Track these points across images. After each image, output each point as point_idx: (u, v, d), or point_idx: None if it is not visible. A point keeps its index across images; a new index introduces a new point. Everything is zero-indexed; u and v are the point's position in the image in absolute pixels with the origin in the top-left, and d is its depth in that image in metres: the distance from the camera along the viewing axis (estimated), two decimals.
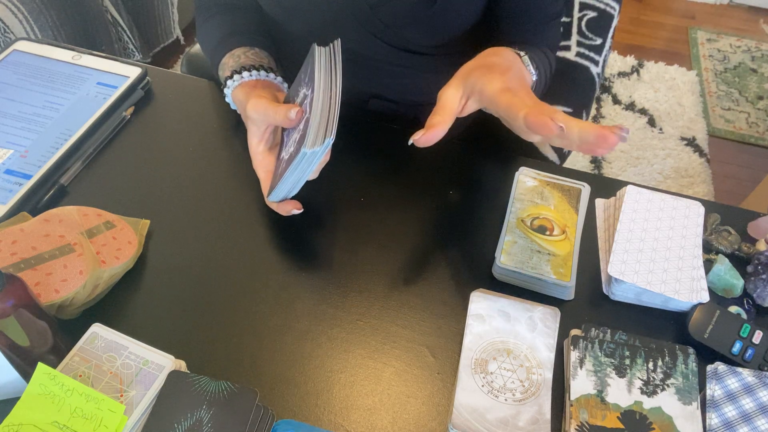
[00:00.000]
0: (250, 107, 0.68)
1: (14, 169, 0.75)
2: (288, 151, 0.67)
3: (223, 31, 0.81)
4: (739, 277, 0.69)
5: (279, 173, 0.68)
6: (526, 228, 0.71)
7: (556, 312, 0.64)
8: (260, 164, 0.72)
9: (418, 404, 0.60)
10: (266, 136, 0.71)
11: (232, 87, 0.74)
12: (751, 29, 2.59)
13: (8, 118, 0.81)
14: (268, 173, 0.71)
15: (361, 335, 0.65)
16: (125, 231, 0.68)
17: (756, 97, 2.29)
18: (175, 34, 2.09)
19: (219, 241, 0.72)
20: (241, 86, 0.73)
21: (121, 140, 0.82)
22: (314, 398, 0.60)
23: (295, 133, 0.67)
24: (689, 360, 0.61)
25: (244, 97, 0.71)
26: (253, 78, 0.74)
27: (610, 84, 2.28)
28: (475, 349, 0.61)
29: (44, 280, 0.60)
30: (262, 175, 0.72)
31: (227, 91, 0.75)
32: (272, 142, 0.72)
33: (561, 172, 0.79)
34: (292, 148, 0.66)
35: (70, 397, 0.53)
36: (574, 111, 1.02)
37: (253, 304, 0.67)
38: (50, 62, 0.88)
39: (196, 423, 0.53)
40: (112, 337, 0.59)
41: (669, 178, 1.97)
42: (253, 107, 0.67)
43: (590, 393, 0.58)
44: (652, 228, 0.71)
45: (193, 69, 1.12)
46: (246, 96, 0.71)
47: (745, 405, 0.58)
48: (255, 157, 0.72)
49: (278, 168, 0.69)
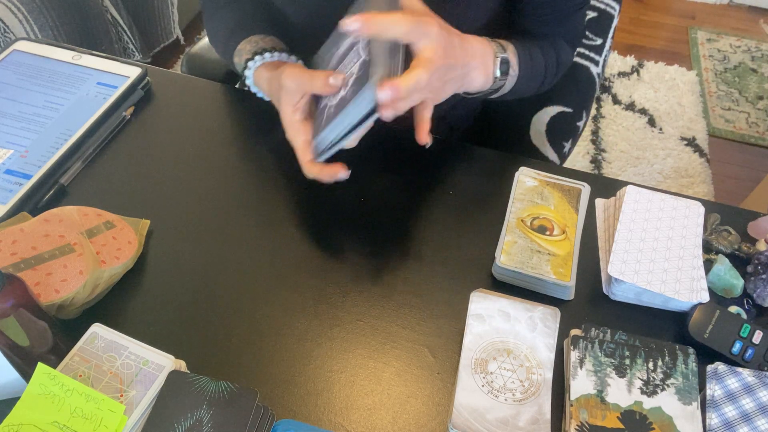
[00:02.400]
0: (286, 76, 0.66)
1: (14, 169, 0.75)
2: (337, 98, 0.64)
3: (235, 21, 0.80)
4: (739, 277, 0.69)
5: (325, 121, 0.64)
6: (526, 228, 0.71)
7: (556, 312, 0.64)
8: (297, 133, 0.68)
9: (418, 404, 0.60)
10: (301, 105, 0.67)
11: (253, 67, 0.73)
12: (751, 29, 2.59)
13: (8, 118, 0.81)
14: (306, 142, 0.67)
15: (361, 335, 0.65)
16: (125, 231, 0.68)
17: (756, 97, 2.29)
18: (175, 34, 2.09)
19: (219, 241, 0.72)
20: (263, 66, 0.73)
21: (121, 140, 0.82)
22: (314, 398, 0.60)
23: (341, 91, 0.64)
24: (689, 360, 0.61)
25: (269, 74, 0.70)
26: (275, 59, 0.73)
27: (610, 84, 2.28)
28: (475, 349, 0.61)
29: (44, 280, 0.60)
30: (299, 144, 0.68)
31: (248, 72, 0.74)
32: (307, 111, 0.69)
33: (561, 172, 0.79)
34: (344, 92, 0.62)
35: (70, 397, 0.53)
36: (574, 111, 1.02)
37: (253, 304, 0.67)
38: (50, 62, 0.88)
39: (196, 423, 0.53)
40: (112, 337, 0.59)
41: (669, 178, 1.97)
42: (289, 75, 0.65)
43: (590, 393, 0.58)
44: (652, 228, 0.71)
45: (193, 69, 1.12)
46: (271, 73, 0.70)
47: (745, 405, 0.58)
48: (291, 126, 0.68)
49: (319, 118, 0.67)
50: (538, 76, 0.78)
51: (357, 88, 0.60)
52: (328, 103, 0.66)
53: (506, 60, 0.71)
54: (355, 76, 0.62)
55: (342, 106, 0.61)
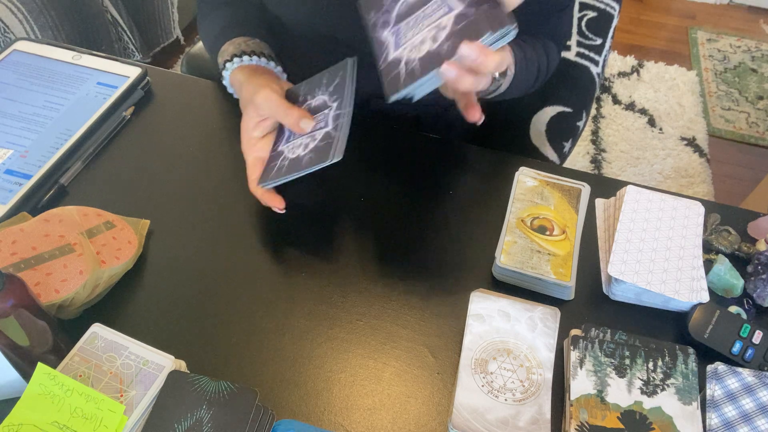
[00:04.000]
0: (263, 98, 0.68)
1: (14, 169, 0.75)
2: (295, 152, 0.67)
3: (225, 21, 0.81)
4: (739, 277, 0.69)
5: (280, 168, 0.68)
6: (526, 228, 0.71)
7: (556, 312, 0.64)
8: (252, 148, 0.71)
9: (418, 404, 0.60)
10: (265, 125, 0.71)
11: (230, 69, 0.74)
12: (751, 29, 2.59)
13: (8, 118, 0.81)
14: (258, 159, 0.71)
15: (361, 335, 0.65)
16: (125, 231, 0.68)
17: (756, 97, 2.29)
18: (175, 34, 2.09)
19: (219, 241, 0.72)
20: (240, 69, 0.74)
21: (121, 140, 0.82)
22: (314, 398, 0.60)
23: (306, 138, 0.68)
24: (689, 360, 0.61)
25: (245, 78, 0.71)
26: (253, 63, 0.74)
27: (610, 84, 2.28)
28: (475, 349, 0.61)
29: (44, 280, 0.60)
30: (250, 160, 0.71)
31: (226, 73, 0.75)
32: (269, 130, 0.72)
33: (561, 172, 0.79)
34: (302, 151, 0.66)
35: (70, 397, 0.53)
36: (574, 111, 1.02)
37: (253, 304, 0.67)
38: (50, 62, 0.88)
39: (196, 423, 0.53)
40: (112, 337, 0.59)
41: (669, 178, 1.97)
42: (266, 99, 0.67)
43: (590, 393, 0.58)
44: (652, 228, 0.71)
45: (193, 69, 1.12)
46: (247, 78, 0.71)
47: (745, 405, 0.58)
48: (248, 140, 0.71)
49: (275, 159, 0.70)
50: (531, 75, 0.79)
51: (314, 158, 0.64)
52: (285, 153, 0.69)
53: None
54: (314, 144, 0.65)
55: (295, 166, 0.65)
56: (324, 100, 0.69)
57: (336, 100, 0.67)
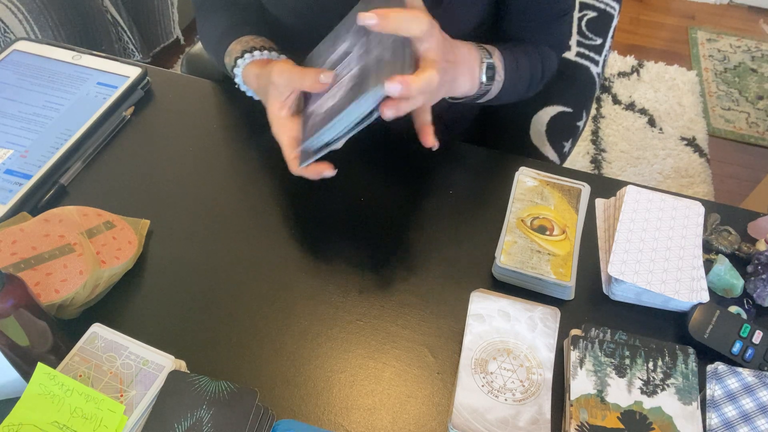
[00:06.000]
0: (276, 72, 0.65)
1: (14, 169, 0.75)
2: (327, 104, 0.64)
3: (229, 22, 0.81)
4: (739, 277, 0.69)
5: (314, 125, 0.64)
6: (526, 228, 0.71)
7: (556, 312, 0.64)
8: (283, 129, 0.68)
9: (418, 404, 0.60)
10: (289, 102, 0.67)
11: (242, 65, 0.73)
12: (751, 29, 2.59)
13: (8, 118, 0.81)
14: (292, 139, 0.67)
15: (361, 335, 0.65)
16: (125, 231, 0.68)
17: (756, 97, 2.29)
18: (175, 34, 2.09)
19: (219, 241, 0.72)
20: (253, 64, 0.73)
21: (121, 140, 0.82)
22: (314, 398, 0.60)
23: (334, 89, 0.64)
24: (689, 360, 0.61)
25: (259, 70, 0.70)
26: (265, 57, 0.73)
27: (610, 84, 2.28)
28: (475, 349, 0.61)
29: (44, 280, 0.60)
30: (285, 140, 0.68)
31: (237, 70, 0.74)
32: (294, 109, 0.69)
33: (561, 172, 0.79)
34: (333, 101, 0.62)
35: (70, 397, 0.53)
36: (574, 111, 1.02)
37: (253, 304, 0.67)
38: (50, 62, 0.88)
39: (196, 423, 0.53)
40: (112, 337, 0.59)
41: (669, 178, 1.97)
42: (279, 71, 0.65)
43: (590, 393, 0.58)
44: (652, 228, 0.71)
45: (193, 69, 1.12)
46: (261, 68, 0.70)
47: (745, 405, 0.58)
48: (277, 121, 0.68)
49: (308, 121, 0.67)
50: (523, 82, 0.78)
51: (351, 95, 0.59)
52: (315, 110, 0.66)
53: (492, 65, 0.70)
54: (348, 85, 0.61)
55: (332, 112, 0.61)
56: (344, 51, 0.65)
57: (356, 44, 0.64)
